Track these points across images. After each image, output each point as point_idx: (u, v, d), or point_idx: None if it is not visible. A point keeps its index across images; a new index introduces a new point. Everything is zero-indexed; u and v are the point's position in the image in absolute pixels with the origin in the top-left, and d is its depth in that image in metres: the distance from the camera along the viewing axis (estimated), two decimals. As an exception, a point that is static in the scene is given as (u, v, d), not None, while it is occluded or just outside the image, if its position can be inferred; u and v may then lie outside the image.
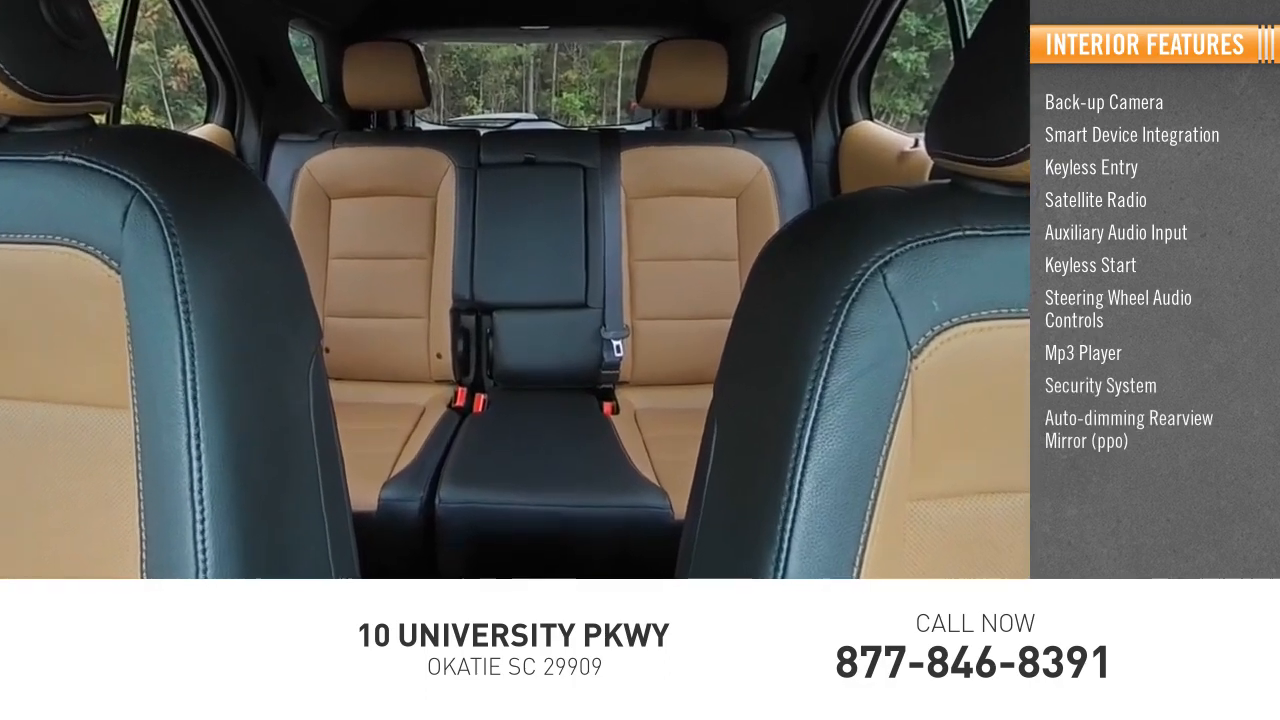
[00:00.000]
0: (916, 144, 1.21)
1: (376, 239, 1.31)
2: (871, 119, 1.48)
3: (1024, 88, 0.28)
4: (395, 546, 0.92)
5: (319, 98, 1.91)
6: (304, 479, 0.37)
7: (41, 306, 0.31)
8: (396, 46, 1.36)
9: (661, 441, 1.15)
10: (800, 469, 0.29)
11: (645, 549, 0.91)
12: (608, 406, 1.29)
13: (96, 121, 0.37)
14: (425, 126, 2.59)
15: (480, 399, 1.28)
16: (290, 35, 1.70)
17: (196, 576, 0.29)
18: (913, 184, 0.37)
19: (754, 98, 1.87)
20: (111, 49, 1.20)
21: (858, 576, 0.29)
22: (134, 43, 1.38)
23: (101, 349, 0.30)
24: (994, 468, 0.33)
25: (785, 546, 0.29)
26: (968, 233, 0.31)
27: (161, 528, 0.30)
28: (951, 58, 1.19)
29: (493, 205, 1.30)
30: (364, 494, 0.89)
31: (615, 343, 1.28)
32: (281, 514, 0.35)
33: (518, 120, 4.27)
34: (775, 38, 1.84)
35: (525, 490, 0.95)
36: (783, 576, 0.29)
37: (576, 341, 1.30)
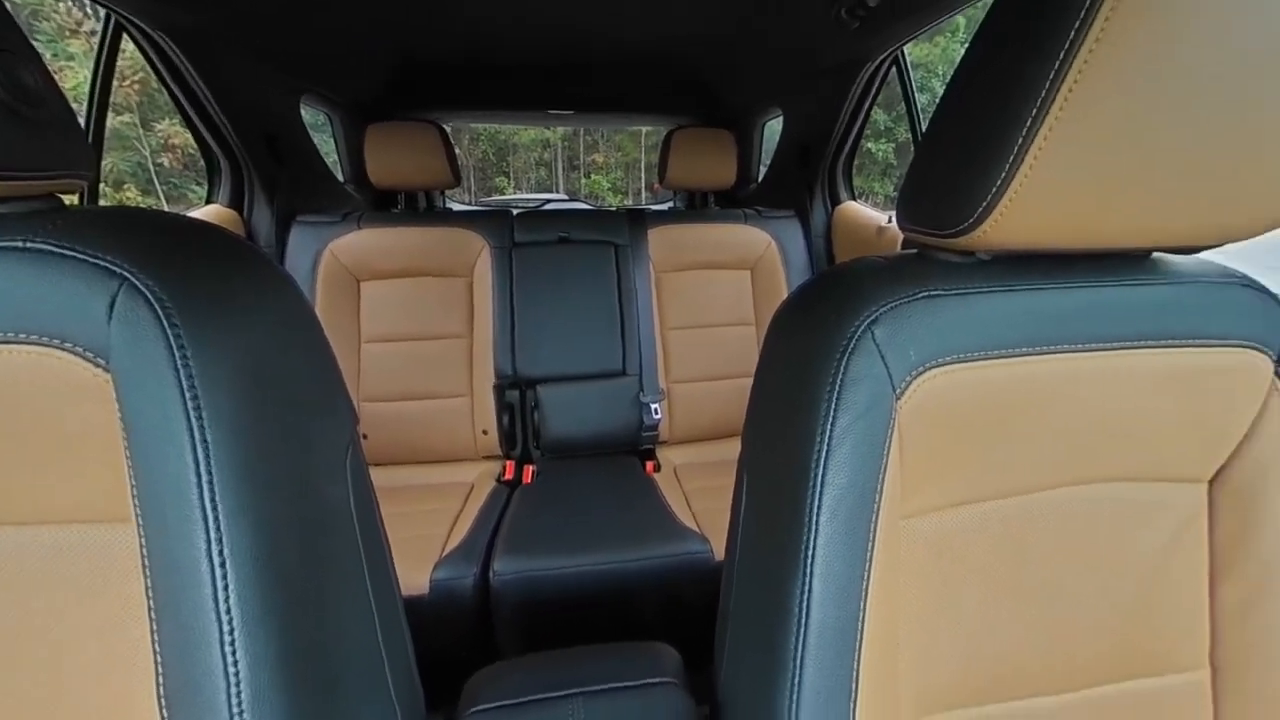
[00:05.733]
0: (890, 220, 1.38)
1: (411, 320, 1.30)
2: (855, 199, 1.64)
3: (988, 172, 0.32)
4: (451, 625, 0.91)
5: (339, 177, 1.85)
6: (347, 570, 0.35)
7: (10, 415, 0.26)
8: (422, 126, 1.30)
9: (700, 492, 1.23)
10: (817, 503, 0.33)
11: (690, 590, 0.98)
12: (649, 465, 1.37)
13: (67, 203, 0.32)
14: (456, 207, 2.69)
15: (529, 470, 1.30)
16: (304, 112, 1.63)
17: (228, 690, 0.27)
18: (889, 254, 0.44)
19: (760, 180, 2.07)
20: (83, 121, 1.08)
21: (865, 589, 0.34)
22: (113, 114, 1.19)
23: (91, 457, 0.27)
24: (964, 482, 0.39)
25: (809, 571, 0.33)
26: (933, 293, 0.36)
27: (181, 644, 0.27)
28: (912, 149, 1.37)
29: (530, 282, 1.33)
30: (415, 577, 0.89)
31: (653, 406, 1.37)
32: (324, 610, 0.32)
33: (549, 200, 4.32)
34: (774, 127, 2.07)
35: (578, 552, 0.96)
36: (807, 599, 0.33)
37: (617, 408, 1.36)
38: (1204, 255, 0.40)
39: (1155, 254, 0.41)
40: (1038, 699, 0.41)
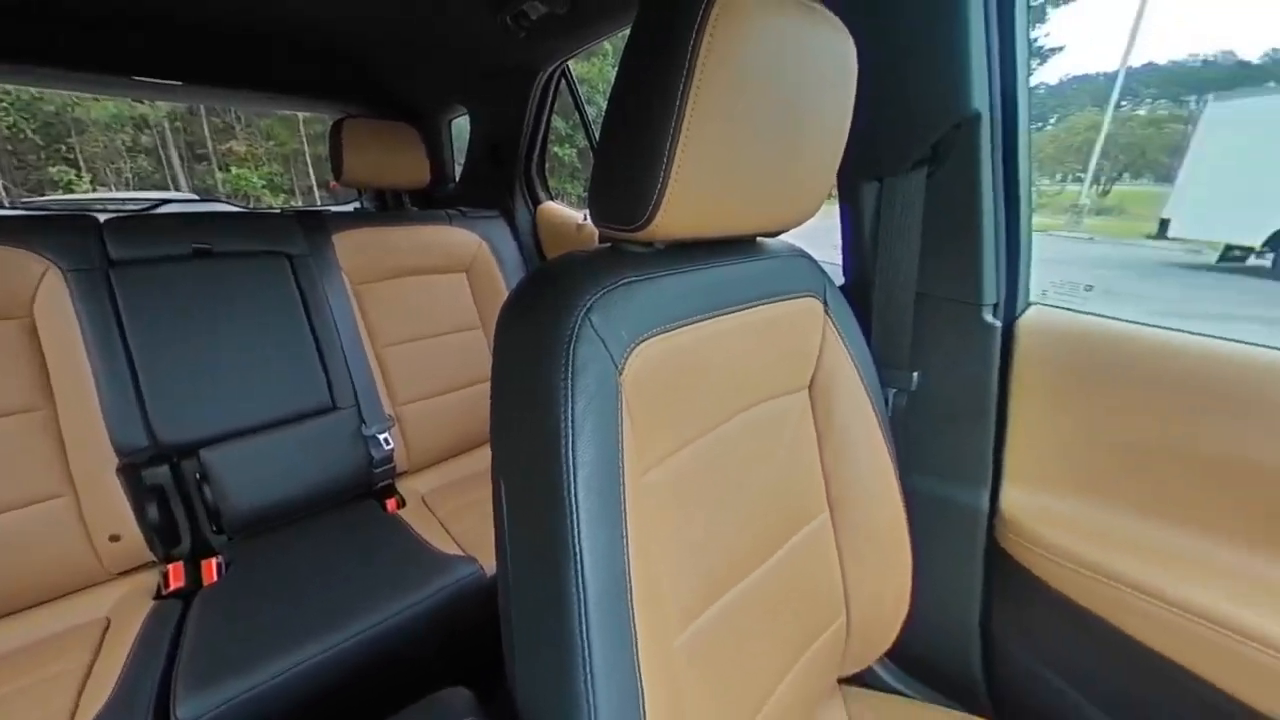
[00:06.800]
0: (585, 218, 1.54)
1: None
2: (553, 199, 1.76)
3: (652, 174, 0.38)
4: None
5: None
6: None
7: None
8: None
9: (458, 513, 1.15)
10: (573, 486, 0.36)
11: (475, 615, 0.92)
12: (391, 503, 1.19)
13: None
14: None
15: (211, 565, 0.98)
16: None
17: None
18: (590, 248, 0.47)
19: (458, 180, 2.00)
20: None
21: (626, 547, 0.37)
22: None
23: None
24: (678, 430, 0.46)
25: (578, 549, 0.35)
26: (630, 280, 0.42)
27: None
28: (591, 154, 1.58)
29: (151, 314, 0.97)
30: None
31: (382, 437, 1.18)
32: None
33: (167, 200, 3.22)
34: (464, 125, 2.03)
35: (312, 637, 0.77)
36: (582, 576, 0.35)
37: (333, 449, 1.13)
38: (782, 237, 0.59)
39: (758, 238, 0.58)
40: (747, 578, 0.54)
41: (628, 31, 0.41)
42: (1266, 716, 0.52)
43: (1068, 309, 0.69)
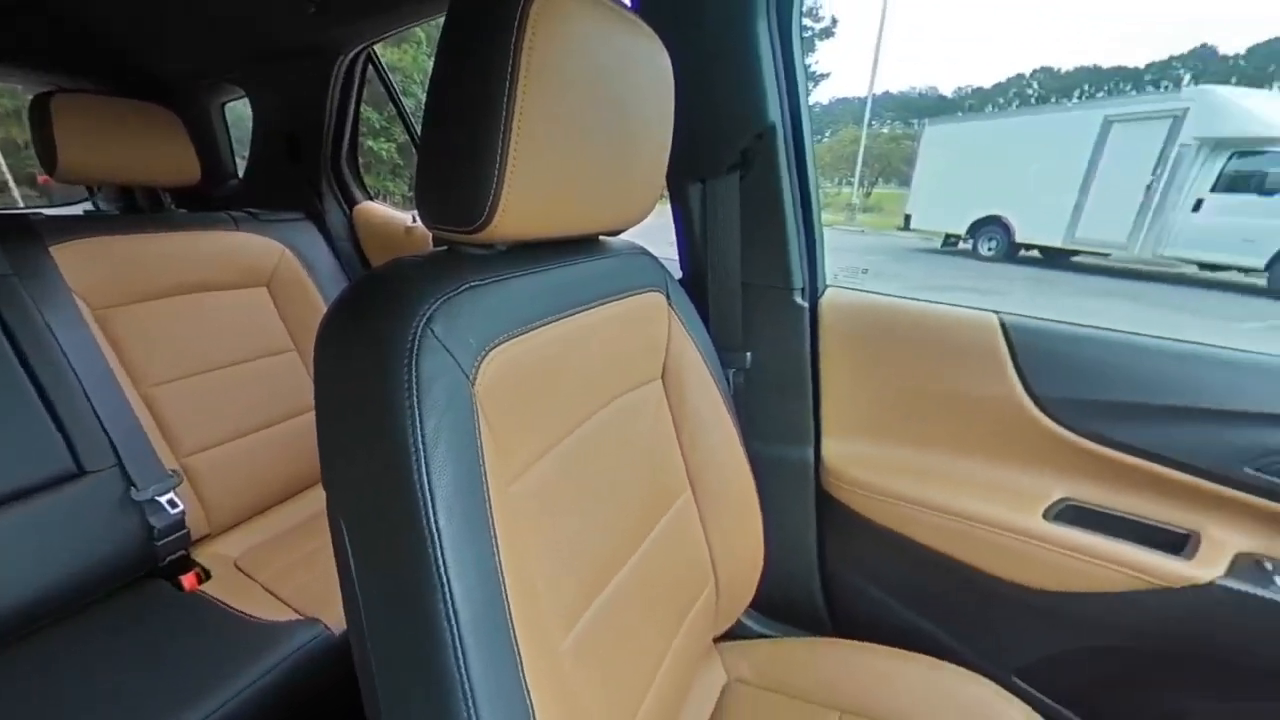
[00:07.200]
0: (415, 220, 1.42)
1: None
2: (372, 199, 1.58)
3: (486, 173, 0.36)
4: None
5: None
6: None
7: None
8: None
9: (289, 569, 0.98)
10: (431, 511, 0.32)
11: (321, 683, 0.78)
12: (189, 578, 0.95)
13: None
14: None
15: None
16: None
17: None
18: (424, 252, 0.43)
19: (242, 177, 1.67)
20: None
21: (499, 563, 0.35)
22: None
23: None
24: (542, 433, 0.45)
25: (444, 578, 0.32)
26: (474, 284, 0.39)
27: None
28: (413, 149, 1.45)
29: None
30: None
31: (164, 499, 0.93)
32: None
33: None
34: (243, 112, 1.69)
35: None
36: (452, 604, 0.32)
37: (91, 525, 0.86)
38: (623, 235, 0.61)
39: (600, 237, 0.60)
40: (623, 568, 0.55)
41: (441, 20, 0.39)
42: (1002, 578, 0.71)
43: (855, 289, 0.84)
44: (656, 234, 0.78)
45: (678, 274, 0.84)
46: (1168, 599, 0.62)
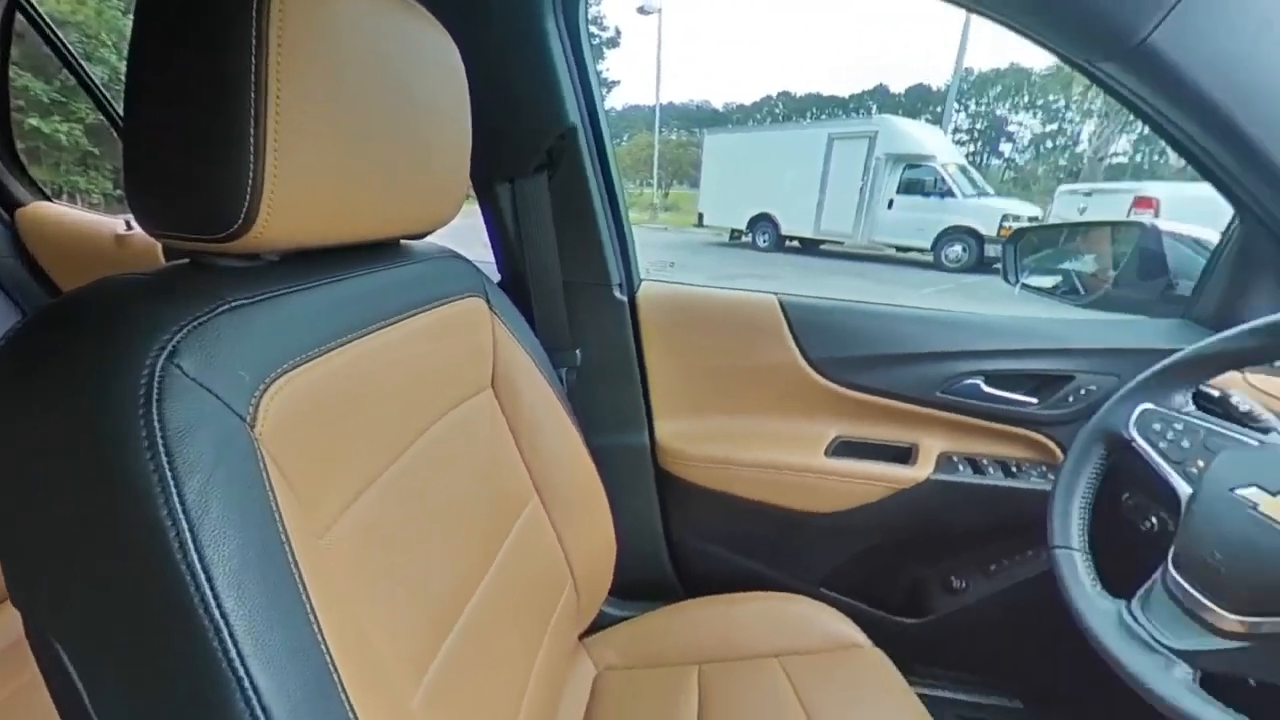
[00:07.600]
0: (130, 226, 1.11)
1: None
2: (49, 199, 1.20)
3: (235, 165, 0.30)
4: None
5: None
6: None
7: None
8: None
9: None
10: (210, 595, 0.25)
11: None
12: None
13: None
14: None
15: None
16: None
17: None
18: (152, 268, 0.34)
19: None
20: None
21: (317, 626, 0.29)
22: None
23: None
24: (356, 469, 0.39)
25: (244, 673, 0.25)
26: (235, 304, 0.32)
27: None
28: (114, 133, 1.10)
29: None
30: None
31: None
32: None
33: None
34: None
35: None
36: (259, 706, 0.25)
37: None
38: (430, 239, 0.56)
39: (402, 241, 0.54)
40: (476, 593, 0.52)
41: None
42: (801, 510, 0.87)
43: (666, 281, 0.92)
44: (468, 234, 0.74)
45: (495, 277, 0.81)
46: (903, 497, 0.83)
